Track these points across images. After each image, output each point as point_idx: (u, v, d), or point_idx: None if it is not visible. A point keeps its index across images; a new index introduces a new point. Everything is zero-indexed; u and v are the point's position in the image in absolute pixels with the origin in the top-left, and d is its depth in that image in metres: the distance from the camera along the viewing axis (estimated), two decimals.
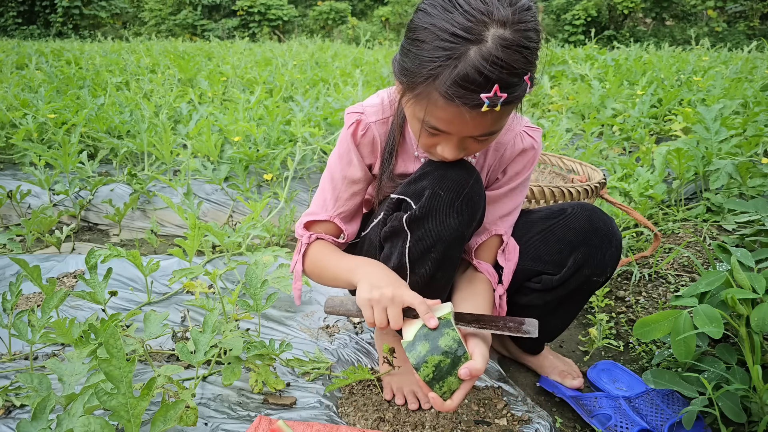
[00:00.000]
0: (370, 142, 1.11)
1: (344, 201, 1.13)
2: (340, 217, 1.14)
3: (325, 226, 1.15)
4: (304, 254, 1.15)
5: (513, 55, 0.79)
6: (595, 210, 1.14)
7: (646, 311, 1.65)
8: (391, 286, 0.94)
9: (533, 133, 1.13)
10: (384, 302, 0.93)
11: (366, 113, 1.09)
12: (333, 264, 1.09)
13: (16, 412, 1.13)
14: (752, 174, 2.21)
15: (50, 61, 6.20)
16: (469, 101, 0.81)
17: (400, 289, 0.93)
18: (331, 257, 1.10)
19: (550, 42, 9.64)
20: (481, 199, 1.02)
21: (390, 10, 22.81)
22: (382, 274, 0.99)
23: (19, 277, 1.28)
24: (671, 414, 1.16)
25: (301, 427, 1.07)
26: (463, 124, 0.86)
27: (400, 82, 0.91)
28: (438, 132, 0.91)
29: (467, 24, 0.79)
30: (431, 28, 0.82)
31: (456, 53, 0.80)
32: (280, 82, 4.75)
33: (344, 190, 1.13)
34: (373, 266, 1.03)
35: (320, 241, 1.15)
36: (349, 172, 1.12)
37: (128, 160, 2.91)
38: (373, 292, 0.93)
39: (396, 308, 0.92)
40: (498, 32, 0.79)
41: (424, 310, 0.91)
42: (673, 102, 3.89)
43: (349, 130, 1.10)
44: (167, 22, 23.00)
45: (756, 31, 18.01)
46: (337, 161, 1.13)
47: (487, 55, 0.78)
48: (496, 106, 0.81)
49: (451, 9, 0.81)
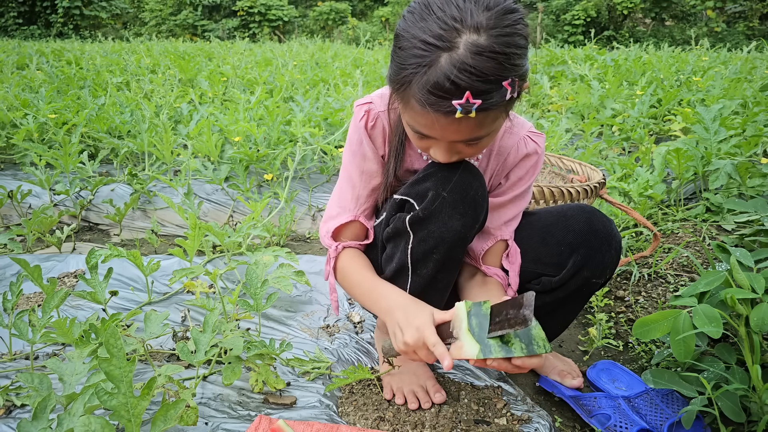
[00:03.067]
0: (381, 131, 1.10)
1: (365, 198, 1.13)
2: (364, 216, 1.13)
3: (351, 228, 1.14)
4: (335, 267, 1.15)
5: (486, 61, 0.78)
6: (594, 212, 1.14)
7: (646, 311, 1.65)
8: (409, 330, 0.92)
9: (537, 138, 1.12)
10: (410, 354, 0.93)
11: (374, 102, 1.09)
12: (357, 284, 1.10)
13: (16, 412, 1.13)
14: (751, 174, 2.21)
15: (51, 61, 6.20)
16: (440, 108, 0.81)
17: (419, 331, 0.91)
18: (355, 276, 1.10)
19: (550, 42, 9.65)
20: (484, 202, 1.02)
21: (390, 11, 22.83)
22: (400, 312, 0.96)
23: (19, 277, 1.28)
24: (671, 414, 1.16)
25: (301, 426, 1.07)
26: (442, 129, 0.86)
27: (389, 86, 0.92)
28: (425, 136, 0.91)
29: (439, 31, 0.79)
30: (407, 35, 0.83)
31: (426, 60, 0.80)
32: (280, 82, 4.75)
33: (363, 187, 1.12)
34: (389, 301, 1.00)
35: (348, 252, 1.14)
36: (365, 167, 1.10)
37: (129, 160, 2.92)
38: (399, 345, 0.94)
39: (423, 350, 0.91)
40: (471, 38, 0.78)
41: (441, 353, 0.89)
42: (672, 102, 3.89)
43: (360, 122, 1.09)
44: (168, 23, 23.01)
45: (755, 32, 18.01)
46: (351, 158, 1.11)
47: (456, 62, 0.78)
48: (470, 113, 0.81)
49: (427, 17, 0.81)
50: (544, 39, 13.90)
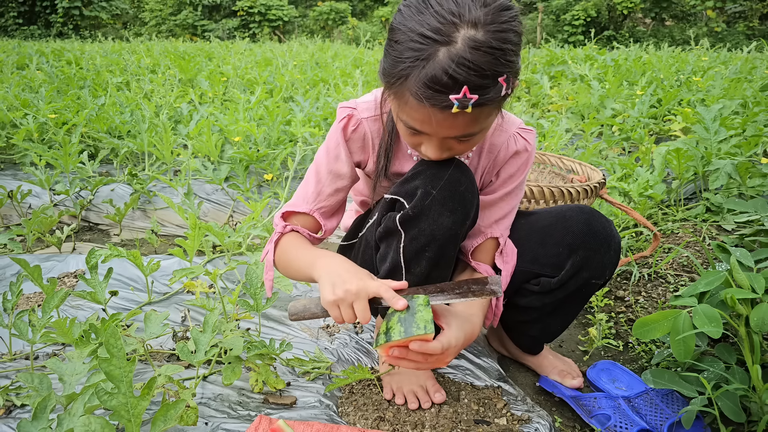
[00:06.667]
0: (361, 138, 1.10)
1: (326, 196, 1.12)
2: (320, 212, 1.12)
3: (303, 219, 1.13)
4: (276, 243, 1.12)
5: (484, 56, 0.78)
6: (593, 213, 1.14)
7: (646, 311, 1.65)
8: (353, 279, 0.91)
9: (527, 135, 1.12)
10: (349, 298, 0.91)
11: (358, 109, 1.09)
12: (296, 257, 1.07)
13: (16, 412, 1.13)
14: (751, 174, 2.21)
15: (51, 61, 6.20)
16: (437, 102, 0.81)
17: (363, 280, 0.91)
18: (296, 251, 1.08)
19: (550, 42, 9.65)
20: (474, 198, 1.02)
21: (390, 11, 22.83)
22: (342, 268, 0.96)
23: (19, 277, 1.28)
24: (671, 414, 1.16)
25: (301, 426, 1.07)
26: (437, 124, 0.86)
27: (381, 82, 0.92)
28: (417, 132, 0.91)
29: (437, 25, 0.79)
30: (403, 29, 0.82)
31: (424, 54, 0.80)
32: (280, 82, 4.75)
33: (328, 184, 1.11)
34: (331, 259, 1.00)
35: (293, 234, 1.12)
36: (335, 167, 1.10)
37: (129, 160, 2.92)
38: (336, 291, 0.91)
39: (362, 302, 0.90)
40: (469, 33, 0.78)
41: (390, 296, 0.89)
42: (672, 102, 3.89)
43: (340, 125, 1.09)
44: (168, 23, 23.01)
45: (755, 32, 18.01)
46: (324, 155, 1.11)
47: (454, 56, 0.78)
48: (467, 108, 0.81)
49: (424, 10, 0.81)
50: (544, 39, 13.90)
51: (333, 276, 0.94)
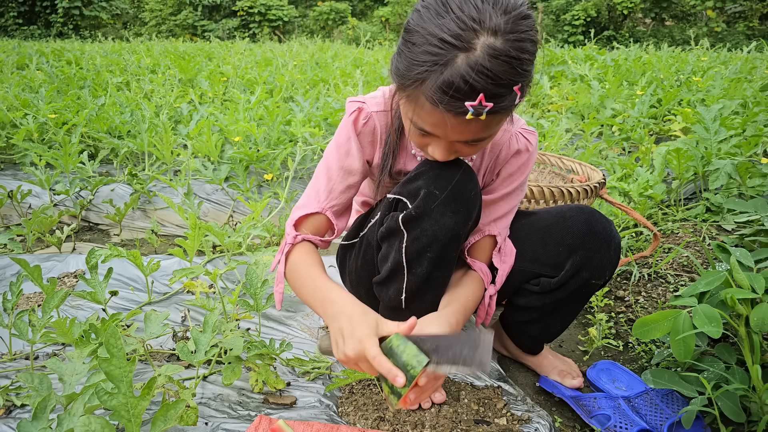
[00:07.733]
0: (371, 132, 1.09)
1: (338, 193, 1.10)
2: (332, 210, 1.10)
3: (315, 219, 1.10)
4: (287, 255, 1.09)
5: (501, 65, 0.78)
6: (593, 213, 1.14)
7: (646, 311, 1.65)
8: (350, 342, 0.86)
9: (528, 135, 1.12)
10: (351, 363, 0.88)
11: (368, 103, 1.08)
12: (307, 284, 1.03)
13: (16, 412, 1.13)
14: (751, 174, 2.21)
15: (51, 61, 6.20)
16: (453, 108, 0.81)
17: (361, 343, 0.85)
18: (307, 271, 1.04)
19: (550, 42, 9.64)
20: (477, 199, 1.02)
21: (390, 11, 22.84)
22: (346, 322, 0.90)
23: (19, 277, 1.28)
24: (671, 414, 1.16)
25: (301, 426, 1.07)
26: (449, 129, 0.86)
27: (393, 81, 0.91)
28: (427, 133, 0.91)
29: (457, 31, 0.78)
30: (422, 31, 0.81)
31: (443, 59, 0.79)
32: (280, 82, 4.75)
33: (339, 181, 1.09)
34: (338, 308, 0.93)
35: (305, 246, 1.09)
36: (346, 163, 1.09)
37: (129, 160, 2.92)
38: (338, 353, 0.89)
39: (365, 364, 0.86)
40: (488, 41, 0.78)
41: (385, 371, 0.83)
42: (672, 102, 3.89)
43: (350, 118, 1.08)
44: (167, 23, 23.02)
45: (755, 32, 18.02)
46: (335, 151, 1.10)
47: (473, 63, 0.77)
48: (481, 115, 0.81)
49: (444, 14, 0.80)
50: (544, 39, 13.89)
51: (336, 334, 0.91)
